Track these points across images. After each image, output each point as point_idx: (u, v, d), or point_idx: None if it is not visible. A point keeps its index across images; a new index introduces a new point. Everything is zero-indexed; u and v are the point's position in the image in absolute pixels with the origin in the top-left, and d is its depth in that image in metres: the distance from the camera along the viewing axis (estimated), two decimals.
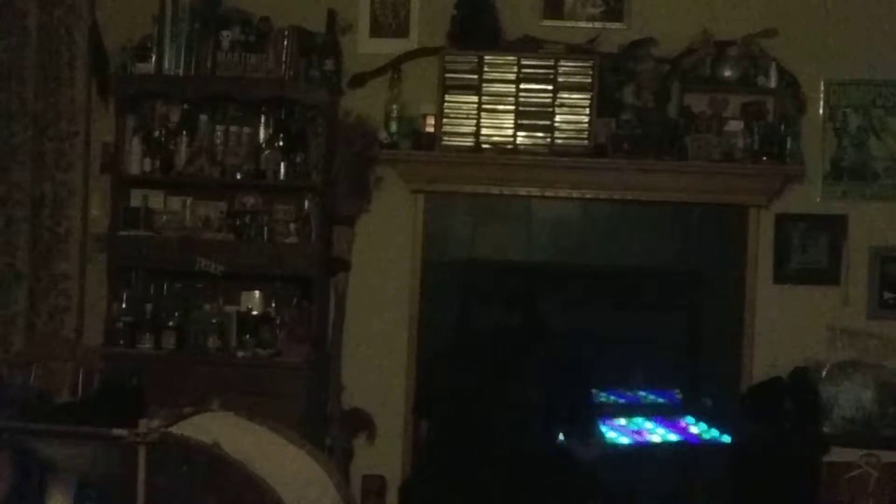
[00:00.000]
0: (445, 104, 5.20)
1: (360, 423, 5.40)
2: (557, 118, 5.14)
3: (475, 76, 5.20)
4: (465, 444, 4.25)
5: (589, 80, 5.15)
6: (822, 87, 5.22)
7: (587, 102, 5.13)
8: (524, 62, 5.19)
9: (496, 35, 5.28)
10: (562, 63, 5.17)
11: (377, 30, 5.44)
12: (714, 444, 4.97)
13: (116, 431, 3.11)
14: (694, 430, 5.04)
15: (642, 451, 4.86)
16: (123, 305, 5.31)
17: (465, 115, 5.21)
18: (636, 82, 5.20)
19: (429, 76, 5.28)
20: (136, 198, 5.42)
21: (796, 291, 5.23)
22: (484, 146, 5.20)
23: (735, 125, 5.17)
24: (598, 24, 5.30)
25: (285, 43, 5.29)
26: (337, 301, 5.41)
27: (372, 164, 5.36)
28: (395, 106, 5.32)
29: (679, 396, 5.21)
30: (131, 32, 5.40)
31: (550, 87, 5.17)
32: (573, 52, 5.23)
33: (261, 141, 5.33)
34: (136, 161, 5.36)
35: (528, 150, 5.16)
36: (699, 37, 5.19)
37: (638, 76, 5.20)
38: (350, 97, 5.41)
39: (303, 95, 5.31)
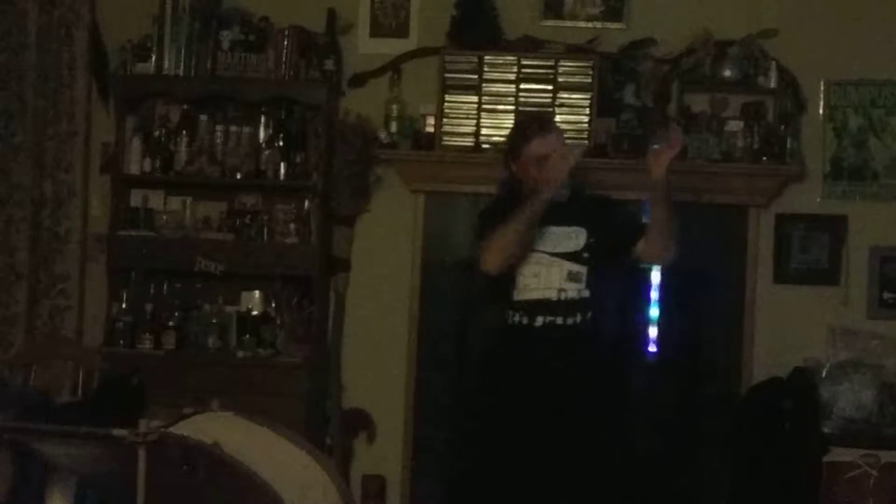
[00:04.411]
0: (445, 104, 5.20)
1: (360, 423, 5.40)
2: (557, 118, 5.12)
3: (475, 76, 5.19)
4: None
5: (589, 80, 5.15)
6: (822, 87, 5.22)
7: (587, 102, 5.13)
8: (524, 62, 5.19)
9: (496, 35, 5.28)
10: (562, 63, 5.17)
11: (377, 30, 5.44)
12: None
13: (116, 431, 3.11)
14: None
15: None
16: (123, 305, 5.31)
17: (465, 115, 5.21)
18: (636, 82, 5.20)
19: (429, 76, 5.28)
20: (136, 198, 5.42)
21: (796, 291, 5.23)
22: (484, 146, 5.19)
23: (735, 125, 5.16)
24: (598, 24, 5.30)
25: (285, 43, 5.29)
26: (337, 301, 5.41)
27: (372, 164, 5.35)
28: (395, 106, 5.32)
29: None
30: (131, 32, 5.41)
31: (550, 87, 5.17)
32: (573, 52, 5.23)
33: (261, 141, 5.33)
34: (136, 161, 5.36)
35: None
36: (699, 37, 5.19)
37: (638, 76, 5.20)
38: (350, 97, 5.41)
39: (303, 95, 5.31)
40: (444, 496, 5.09)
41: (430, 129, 5.25)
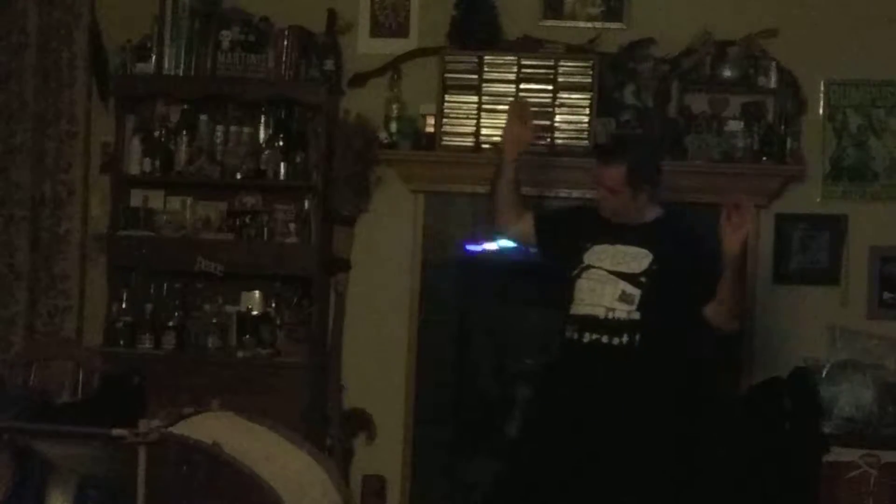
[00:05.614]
0: (445, 104, 5.20)
1: (360, 423, 5.40)
2: (557, 118, 5.14)
3: (475, 76, 5.19)
4: None
5: (589, 80, 5.15)
6: (822, 87, 5.22)
7: (587, 102, 5.13)
8: (524, 62, 5.19)
9: (496, 35, 5.28)
10: (562, 63, 5.17)
11: (377, 30, 5.44)
12: None
13: (116, 431, 3.11)
14: None
15: None
16: (123, 305, 5.32)
17: (465, 115, 5.21)
18: (636, 82, 5.20)
19: (429, 76, 5.28)
20: (136, 198, 5.42)
21: (796, 291, 5.23)
22: (484, 146, 5.19)
23: (735, 125, 5.16)
24: (598, 24, 5.29)
25: (285, 43, 5.29)
26: (337, 301, 5.41)
27: (372, 164, 5.36)
28: (395, 106, 5.32)
29: None
30: (131, 32, 5.41)
31: (550, 87, 5.16)
32: (573, 52, 5.23)
33: (261, 141, 5.33)
34: (136, 161, 5.36)
35: (528, 150, 5.14)
36: (699, 37, 5.19)
37: (638, 76, 5.20)
38: (350, 97, 5.41)
39: (303, 95, 5.31)
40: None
41: (430, 129, 5.25)
